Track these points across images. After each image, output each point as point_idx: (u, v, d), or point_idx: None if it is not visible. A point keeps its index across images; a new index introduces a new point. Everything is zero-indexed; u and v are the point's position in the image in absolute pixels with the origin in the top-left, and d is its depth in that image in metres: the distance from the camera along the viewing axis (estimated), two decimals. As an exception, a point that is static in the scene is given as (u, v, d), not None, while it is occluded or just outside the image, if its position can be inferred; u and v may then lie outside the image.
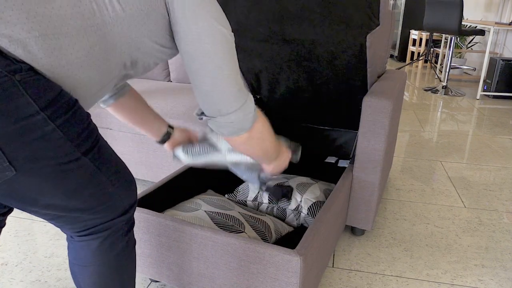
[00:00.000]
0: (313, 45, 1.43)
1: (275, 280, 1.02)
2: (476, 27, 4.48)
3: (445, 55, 5.33)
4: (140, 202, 1.24)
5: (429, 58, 5.29)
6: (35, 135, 0.64)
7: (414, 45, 6.03)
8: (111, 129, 1.90)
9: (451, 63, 4.30)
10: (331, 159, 1.84)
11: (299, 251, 0.98)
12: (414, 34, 5.90)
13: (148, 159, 1.86)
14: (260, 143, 0.92)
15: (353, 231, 1.62)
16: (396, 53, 6.34)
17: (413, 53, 6.19)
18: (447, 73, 4.28)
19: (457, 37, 5.21)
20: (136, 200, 0.87)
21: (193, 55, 0.78)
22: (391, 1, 6.20)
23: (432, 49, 5.31)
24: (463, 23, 4.60)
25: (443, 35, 5.29)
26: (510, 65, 3.88)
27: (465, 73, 5.39)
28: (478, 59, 5.28)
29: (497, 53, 4.90)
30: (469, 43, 5.34)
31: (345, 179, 1.42)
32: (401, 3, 6.11)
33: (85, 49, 0.69)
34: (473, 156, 2.54)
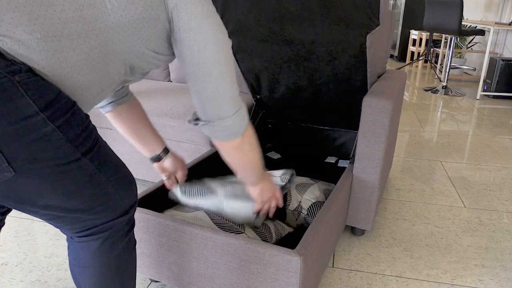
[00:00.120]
0: (313, 45, 1.43)
1: (275, 280, 1.02)
2: (476, 27, 4.48)
3: (445, 55, 5.33)
4: (140, 202, 1.24)
5: (429, 58, 5.29)
6: (35, 136, 0.64)
7: (414, 45, 6.03)
8: (111, 129, 1.90)
9: (451, 63, 4.30)
10: (331, 159, 1.84)
11: (299, 251, 0.98)
12: (414, 34, 5.90)
13: (148, 159, 1.86)
14: (251, 150, 0.95)
15: (353, 231, 1.62)
16: (396, 53, 6.34)
17: (413, 53, 6.19)
18: (447, 73, 4.28)
19: (457, 37, 5.21)
20: (136, 200, 0.87)
21: (198, 63, 0.80)
22: (391, 1, 6.20)
23: (432, 49, 5.31)
24: (463, 23, 4.60)
25: (443, 35, 5.29)
26: (510, 65, 3.88)
27: (465, 73, 5.39)
28: (478, 59, 5.28)
29: (497, 53, 4.90)
30: (469, 43, 5.34)
31: (345, 179, 1.42)
32: (401, 3, 6.11)
33: (85, 52, 0.69)
34: (473, 156, 2.54)
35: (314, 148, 1.89)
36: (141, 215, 1.15)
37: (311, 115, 1.82)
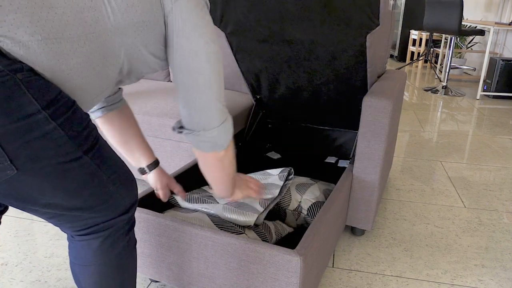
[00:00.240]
0: (313, 45, 1.43)
1: (275, 280, 1.02)
2: (476, 27, 4.48)
3: (445, 55, 5.33)
4: (140, 202, 1.24)
5: (429, 58, 5.29)
6: (37, 134, 0.65)
7: (414, 45, 6.03)
8: (111, 129, 1.90)
9: (451, 63, 4.30)
10: (331, 159, 1.84)
11: (299, 251, 0.98)
12: (414, 34, 5.90)
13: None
14: (229, 164, 0.97)
15: (353, 231, 1.62)
16: (396, 53, 6.34)
17: (413, 53, 6.19)
18: (447, 73, 4.28)
19: (457, 37, 5.21)
20: (137, 199, 0.87)
21: (187, 70, 0.80)
22: (391, 1, 6.19)
23: (432, 49, 5.31)
24: (463, 23, 4.60)
25: (443, 35, 5.29)
26: (510, 65, 3.88)
27: (465, 73, 5.39)
28: (478, 59, 5.28)
29: (497, 53, 4.91)
30: (469, 43, 5.34)
31: (345, 179, 1.42)
32: (401, 3, 6.11)
33: (85, 55, 0.69)
34: (473, 156, 2.54)
35: (314, 148, 1.89)
36: (141, 215, 1.15)
37: (311, 115, 1.82)
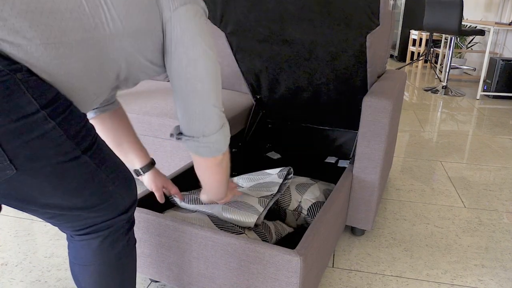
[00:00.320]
0: (313, 45, 1.43)
1: (275, 280, 1.02)
2: (476, 27, 4.48)
3: (445, 55, 5.33)
4: (140, 202, 1.24)
5: (429, 58, 5.29)
6: (36, 133, 0.65)
7: (414, 45, 6.03)
8: (111, 129, 1.90)
9: (451, 63, 4.30)
10: (331, 159, 1.84)
11: (299, 251, 0.98)
12: (414, 34, 5.90)
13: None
14: (227, 168, 0.99)
15: (353, 231, 1.62)
16: (396, 53, 6.34)
17: (413, 53, 6.19)
18: (447, 73, 4.28)
19: (457, 37, 5.21)
20: (136, 199, 0.87)
21: (186, 78, 0.81)
22: (391, 1, 6.19)
23: (432, 49, 5.31)
24: (463, 23, 4.60)
25: (443, 35, 5.29)
26: (510, 65, 3.88)
27: (465, 73, 5.39)
28: (478, 59, 5.28)
29: (497, 53, 4.91)
30: (469, 43, 5.34)
31: (345, 179, 1.42)
32: (401, 3, 6.11)
33: (83, 60, 0.70)
34: (473, 156, 2.54)
35: (314, 148, 1.89)
36: (141, 215, 1.15)
37: (311, 115, 1.82)
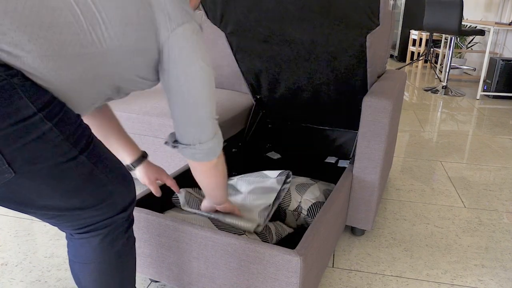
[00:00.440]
0: (313, 45, 1.43)
1: (275, 280, 1.02)
2: (476, 27, 4.48)
3: (445, 55, 5.33)
4: (140, 202, 1.24)
5: (429, 58, 5.29)
6: (33, 136, 0.66)
7: (414, 45, 6.03)
8: (111, 129, 1.90)
9: (451, 63, 4.30)
10: (331, 159, 1.84)
11: (299, 251, 0.98)
12: (414, 34, 5.90)
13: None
14: (223, 169, 1.01)
15: (353, 231, 1.62)
16: (396, 53, 6.34)
17: (413, 53, 6.19)
18: (447, 73, 4.28)
19: (457, 37, 5.21)
20: (135, 197, 0.88)
21: (184, 93, 0.84)
22: (391, 1, 6.19)
23: (432, 49, 5.31)
24: (463, 23, 4.60)
25: (443, 35, 5.29)
26: (510, 65, 3.88)
27: (465, 73, 5.39)
28: (478, 59, 5.28)
29: (497, 53, 4.91)
30: (469, 43, 5.34)
31: (345, 179, 1.42)
32: (401, 3, 6.11)
33: (78, 73, 0.71)
34: (473, 156, 2.54)
35: (314, 148, 1.89)
36: (141, 215, 1.15)
37: (311, 115, 1.82)
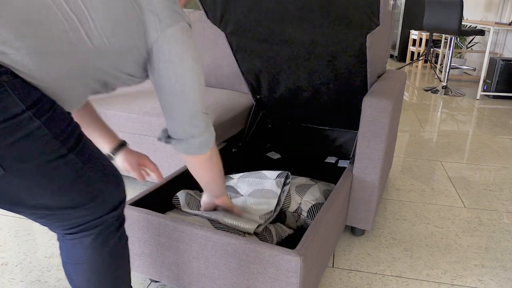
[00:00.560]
0: (313, 45, 1.43)
1: (275, 280, 1.02)
2: (476, 27, 4.48)
3: (445, 55, 5.33)
4: (140, 202, 1.24)
5: (429, 58, 5.29)
6: (22, 133, 0.66)
7: (414, 45, 6.03)
8: (111, 129, 1.90)
9: (451, 63, 4.30)
10: (331, 159, 1.84)
11: (299, 251, 0.98)
12: (414, 34, 5.90)
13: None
14: (217, 160, 1.02)
15: (353, 231, 1.62)
16: (396, 53, 6.34)
17: (413, 53, 6.19)
18: (447, 73, 4.28)
19: (457, 37, 5.21)
20: (125, 196, 0.88)
21: (175, 91, 0.85)
22: (391, 1, 6.19)
23: (432, 49, 5.31)
24: (463, 23, 4.60)
25: (443, 35, 5.29)
26: (510, 65, 3.88)
27: (465, 73, 5.39)
28: (478, 59, 5.28)
29: (497, 53, 4.91)
30: (469, 43, 5.34)
31: (345, 179, 1.42)
32: (401, 3, 6.11)
33: (67, 69, 0.72)
34: (473, 156, 2.54)
35: (314, 148, 1.89)
36: (141, 215, 1.15)
37: (311, 115, 1.82)
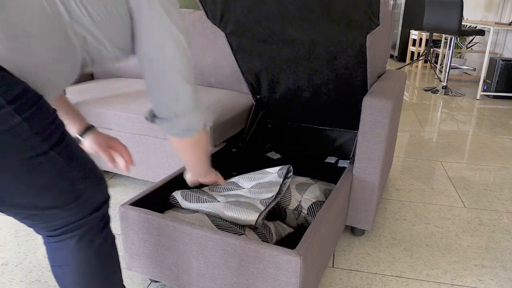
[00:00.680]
0: (313, 45, 1.43)
1: (275, 280, 1.02)
2: (476, 27, 4.48)
3: (445, 55, 5.33)
4: (140, 202, 1.24)
5: (429, 58, 5.29)
6: (2, 129, 0.64)
7: (414, 45, 6.03)
8: (111, 129, 1.90)
9: (451, 63, 4.31)
10: (331, 159, 1.84)
11: (299, 251, 0.98)
12: (414, 34, 5.90)
13: (148, 159, 1.86)
14: (205, 143, 0.98)
15: (353, 231, 1.62)
16: (396, 53, 6.34)
17: (413, 53, 6.19)
18: (447, 73, 4.28)
19: (457, 37, 5.21)
20: (108, 196, 0.87)
21: (155, 60, 0.82)
22: (391, 1, 6.19)
23: (432, 49, 5.31)
24: (463, 23, 4.60)
25: (443, 35, 5.29)
26: (510, 65, 3.88)
27: (465, 73, 5.39)
28: (478, 59, 5.28)
29: (497, 53, 4.91)
30: (469, 43, 5.34)
31: (345, 179, 1.42)
32: (401, 3, 6.11)
33: (48, 50, 0.70)
34: (473, 156, 2.54)
35: (314, 148, 1.89)
36: (141, 215, 1.15)
37: (311, 115, 1.82)
